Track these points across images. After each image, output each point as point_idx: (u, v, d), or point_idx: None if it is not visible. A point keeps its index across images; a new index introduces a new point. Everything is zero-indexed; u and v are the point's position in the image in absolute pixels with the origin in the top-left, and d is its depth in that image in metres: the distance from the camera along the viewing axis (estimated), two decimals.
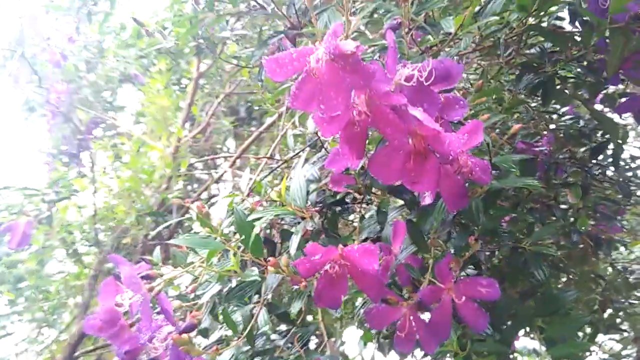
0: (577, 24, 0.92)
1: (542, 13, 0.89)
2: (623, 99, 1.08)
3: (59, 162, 2.98)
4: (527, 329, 1.00)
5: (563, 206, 1.24)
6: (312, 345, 1.33)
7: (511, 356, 0.98)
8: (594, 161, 1.17)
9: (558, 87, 1.05)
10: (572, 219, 1.20)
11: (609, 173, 1.21)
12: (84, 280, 2.63)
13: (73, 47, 2.56)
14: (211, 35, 1.19)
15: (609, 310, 1.46)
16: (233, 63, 1.62)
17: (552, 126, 1.29)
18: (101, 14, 2.39)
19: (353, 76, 0.61)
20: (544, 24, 0.95)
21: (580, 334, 1.33)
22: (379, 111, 0.63)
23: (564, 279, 1.46)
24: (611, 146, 1.21)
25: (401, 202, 0.83)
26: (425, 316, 0.82)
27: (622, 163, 1.22)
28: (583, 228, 1.09)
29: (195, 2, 1.09)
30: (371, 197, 0.87)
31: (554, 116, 1.31)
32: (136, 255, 2.19)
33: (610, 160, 1.20)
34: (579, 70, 1.02)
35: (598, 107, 1.16)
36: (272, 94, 2.18)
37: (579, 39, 0.93)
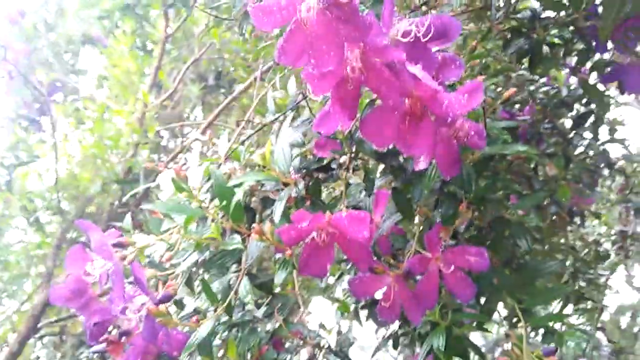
0: None
1: None
2: (608, 69, 1.07)
3: (18, 126, 2.83)
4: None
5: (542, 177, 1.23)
6: None
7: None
8: (574, 132, 1.16)
9: (545, 53, 1.02)
10: (550, 190, 1.19)
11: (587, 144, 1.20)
12: (46, 250, 2.53)
13: (31, 4, 2.40)
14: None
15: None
16: (212, 14, 1.52)
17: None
18: None
19: (347, 28, 0.56)
20: None
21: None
22: (374, 68, 0.59)
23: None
24: (591, 119, 1.21)
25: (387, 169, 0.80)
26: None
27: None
28: (564, 199, 1.09)
29: None
30: (358, 163, 0.83)
31: (532, 87, 1.29)
32: (102, 224, 2.10)
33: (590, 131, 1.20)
34: (568, 36, 0.99)
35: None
36: (245, 57, 2.10)
37: (568, 3, 0.90)
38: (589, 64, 1.03)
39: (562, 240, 1.47)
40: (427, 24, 0.61)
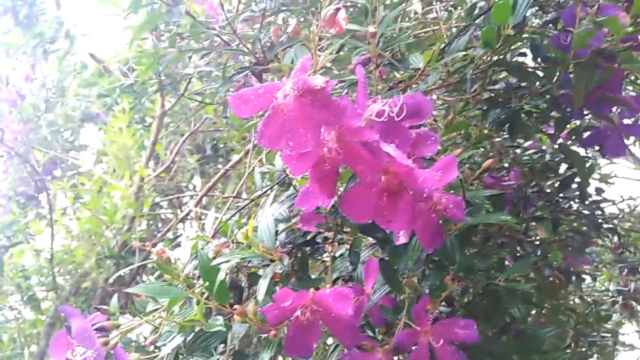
0: (539, 60, 0.93)
1: (505, 49, 0.89)
2: (586, 133, 1.10)
3: (15, 204, 2.86)
4: None
5: (533, 240, 1.23)
6: None
7: None
8: (561, 195, 1.18)
9: (524, 121, 1.06)
10: (542, 253, 1.19)
11: (576, 206, 1.21)
12: (39, 328, 2.48)
13: (31, 86, 2.49)
14: (174, 72, 1.15)
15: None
16: (197, 100, 1.58)
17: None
18: (61, 51, 2.33)
19: (322, 112, 0.58)
20: (508, 60, 0.96)
21: None
22: (350, 148, 0.61)
23: (533, 312, 1.45)
24: (577, 180, 1.22)
25: (374, 240, 0.80)
26: None
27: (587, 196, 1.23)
28: (555, 262, 1.08)
29: (156, 39, 1.06)
30: (343, 236, 0.84)
31: (518, 150, 1.32)
32: (96, 300, 2.08)
33: (576, 193, 1.21)
34: (544, 105, 1.03)
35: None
36: (238, 131, 2.16)
37: (542, 74, 0.94)
38: (566, 130, 1.06)
39: (562, 301, 1.46)
40: (399, 104, 0.63)
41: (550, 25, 0.98)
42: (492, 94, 1.05)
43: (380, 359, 0.76)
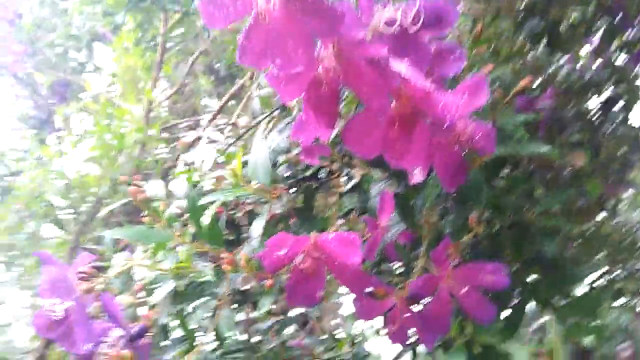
0: None
1: None
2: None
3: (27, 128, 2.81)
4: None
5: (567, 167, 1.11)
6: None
7: None
8: (603, 118, 1.04)
9: (566, 33, 0.90)
10: (577, 182, 1.07)
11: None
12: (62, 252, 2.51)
13: (29, 3, 2.34)
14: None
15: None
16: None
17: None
18: None
19: (316, 20, 0.46)
20: None
21: None
22: (352, 66, 0.49)
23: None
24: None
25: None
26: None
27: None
28: (593, 194, 0.97)
29: None
30: (350, 170, 0.73)
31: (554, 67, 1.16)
32: (113, 226, 2.05)
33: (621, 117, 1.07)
34: (590, 13, 0.87)
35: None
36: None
37: None
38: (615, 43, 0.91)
39: (593, 229, 1.35)
40: (415, 9, 0.50)
41: None
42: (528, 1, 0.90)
43: (395, 306, 0.68)
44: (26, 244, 2.42)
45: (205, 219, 0.57)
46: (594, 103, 1.10)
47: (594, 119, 1.03)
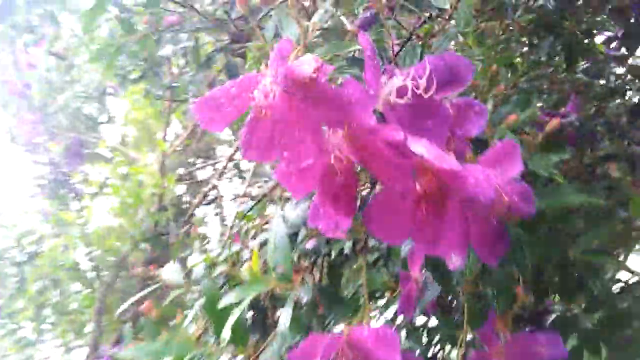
0: None
1: None
2: None
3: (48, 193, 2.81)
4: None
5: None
6: None
7: None
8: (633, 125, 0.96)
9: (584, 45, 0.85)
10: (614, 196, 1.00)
11: None
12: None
13: (35, 73, 2.35)
14: (150, 57, 0.97)
15: None
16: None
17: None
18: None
19: (321, 109, 0.41)
20: None
21: None
22: (367, 149, 0.44)
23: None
24: None
25: None
26: None
27: None
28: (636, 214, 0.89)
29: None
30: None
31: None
32: (135, 289, 2.03)
33: None
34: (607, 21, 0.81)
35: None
36: None
37: None
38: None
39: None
40: (427, 73, 0.45)
41: None
42: (538, 17, 0.84)
43: None
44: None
45: (227, 326, 0.52)
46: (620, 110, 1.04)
47: (625, 128, 0.96)
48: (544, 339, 0.56)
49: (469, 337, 0.64)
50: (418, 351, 0.79)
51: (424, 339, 0.82)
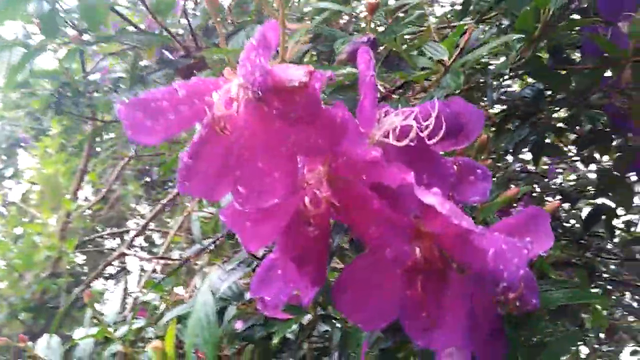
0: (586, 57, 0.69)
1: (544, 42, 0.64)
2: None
3: None
4: None
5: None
6: None
7: None
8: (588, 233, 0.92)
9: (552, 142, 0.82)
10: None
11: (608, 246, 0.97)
12: None
13: None
14: (73, 82, 0.83)
15: None
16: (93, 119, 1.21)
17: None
18: None
19: (301, 130, 0.30)
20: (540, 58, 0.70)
21: None
22: (354, 195, 0.32)
23: None
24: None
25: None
26: None
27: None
28: (598, 324, 0.83)
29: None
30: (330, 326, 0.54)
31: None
32: None
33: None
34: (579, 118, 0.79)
35: None
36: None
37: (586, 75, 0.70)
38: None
39: None
40: (434, 116, 0.36)
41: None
42: (509, 105, 0.80)
43: None
44: None
45: None
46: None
47: (580, 235, 0.92)
48: None
49: None
50: None
51: None
